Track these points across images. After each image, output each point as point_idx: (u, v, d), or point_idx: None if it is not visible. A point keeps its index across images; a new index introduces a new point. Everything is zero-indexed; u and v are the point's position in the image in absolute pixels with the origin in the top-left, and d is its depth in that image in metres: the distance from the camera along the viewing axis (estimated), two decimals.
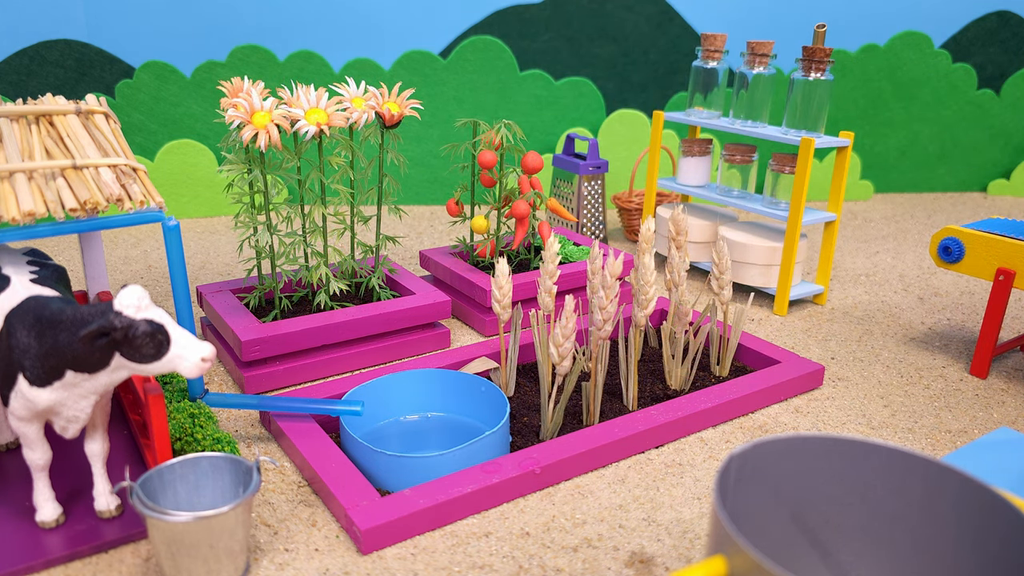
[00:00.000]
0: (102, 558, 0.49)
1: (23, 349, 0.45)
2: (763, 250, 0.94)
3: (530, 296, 0.85)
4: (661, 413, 0.64)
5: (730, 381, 0.70)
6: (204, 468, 0.49)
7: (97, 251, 0.66)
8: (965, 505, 0.35)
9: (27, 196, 0.47)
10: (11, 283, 0.48)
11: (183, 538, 0.43)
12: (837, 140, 0.91)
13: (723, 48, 1.03)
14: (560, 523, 0.54)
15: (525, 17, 1.42)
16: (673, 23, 1.50)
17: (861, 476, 0.38)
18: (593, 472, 0.60)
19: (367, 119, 0.75)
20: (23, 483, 0.54)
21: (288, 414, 0.62)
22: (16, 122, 0.54)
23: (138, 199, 0.50)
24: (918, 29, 1.55)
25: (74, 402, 0.46)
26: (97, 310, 0.43)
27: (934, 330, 0.91)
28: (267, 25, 1.32)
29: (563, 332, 0.58)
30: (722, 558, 0.32)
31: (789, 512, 0.40)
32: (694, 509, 0.56)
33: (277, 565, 0.49)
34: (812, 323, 0.92)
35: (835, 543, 0.40)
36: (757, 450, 0.38)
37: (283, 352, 0.71)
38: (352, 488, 0.53)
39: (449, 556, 0.50)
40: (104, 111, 0.58)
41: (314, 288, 0.80)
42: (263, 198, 0.75)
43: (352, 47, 1.36)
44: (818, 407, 0.72)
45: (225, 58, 1.29)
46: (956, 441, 0.67)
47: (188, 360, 0.44)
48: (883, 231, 1.35)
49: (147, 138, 1.28)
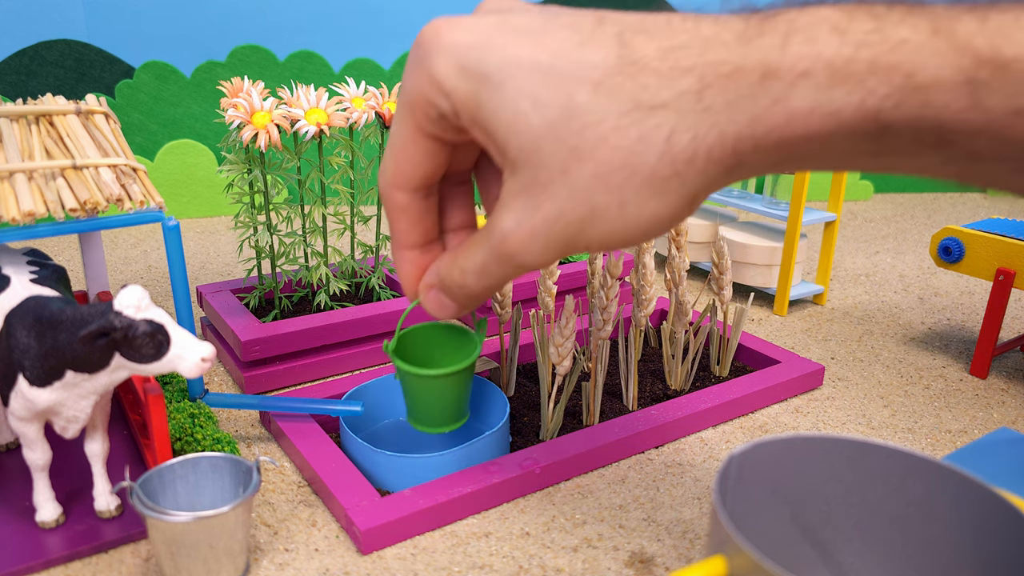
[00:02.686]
0: (102, 558, 0.49)
1: (23, 349, 0.45)
2: (763, 250, 0.94)
3: (530, 296, 0.85)
4: (661, 413, 0.64)
5: (730, 381, 0.70)
6: (204, 468, 0.49)
7: (97, 251, 0.66)
8: (965, 505, 0.35)
9: (27, 196, 0.47)
10: (11, 283, 0.48)
11: (183, 538, 0.43)
12: None
13: None
14: (560, 523, 0.54)
15: None
16: None
17: (861, 476, 0.38)
18: (593, 472, 0.60)
19: (367, 119, 0.75)
20: (23, 483, 0.54)
21: (288, 414, 0.62)
22: (16, 122, 0.54)
23: (138, 199, 0.50)
24: None
25: (74, 402, 0.46)
26: (97, 310, 0.43)
27: (934, 330, 0.91)
28: (267, 25, 1.32)
29: (563, 332, 0.58)
30: (722, 558, 0.32)
31: (789, 512, 0.40)
32: (694, 509, 0.56)
33: (277, 565, 0.49)
34: (812, 323, 0.92)
35: (835, 543, 0.40)
36: (757, 450, 0.38)
37: (283, 352, 0.71)
38: (352, 488, 0.53)
39: (449, 556, 0.50)
40: (104, 111, 0.58)
41: (314, 288, 0.80)
42: (263, 198, 0.75)
43: (352, 47, 1.36)
44: (818, 407, 0.72)
45: (225, 58, 1.29)
46: (956, 441, 0.67)
47: (188, 360, 0.44)
48: (883, 231, 1.35)
49: (147, 138, 1.28)
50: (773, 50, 0.29)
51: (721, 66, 0.30)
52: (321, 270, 0.76)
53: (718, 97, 0.30)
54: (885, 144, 0.29)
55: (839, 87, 0.28)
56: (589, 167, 0.32)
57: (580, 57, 0.31)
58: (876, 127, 0.29)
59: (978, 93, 0.27)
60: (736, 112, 0.30)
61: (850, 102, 0.28)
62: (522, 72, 0.32)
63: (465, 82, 0.33)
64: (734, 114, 0.30)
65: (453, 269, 0.39)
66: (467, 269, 0.38)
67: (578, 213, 0.33)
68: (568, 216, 0.33)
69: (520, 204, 0.34)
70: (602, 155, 0.31)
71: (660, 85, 0.30)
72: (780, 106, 0.29)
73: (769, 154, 0.31)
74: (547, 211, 0.33)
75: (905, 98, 0.28)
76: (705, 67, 0.30)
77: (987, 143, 0.28)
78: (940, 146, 0.29)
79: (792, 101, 0.29)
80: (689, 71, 0.30)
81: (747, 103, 0.30)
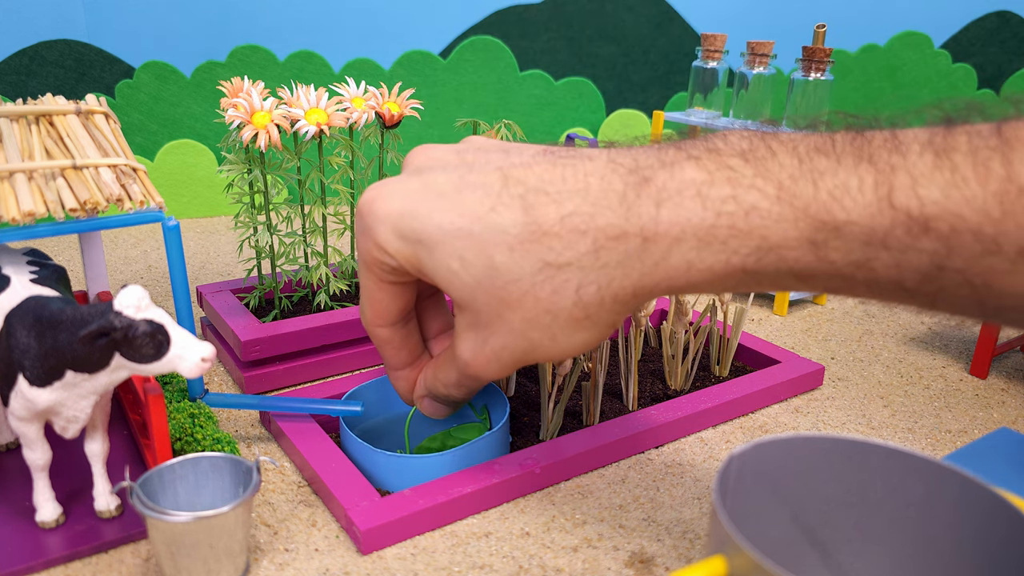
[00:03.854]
0: (102, 558, 0.49)
1: (23, 349, 0.45)
2: None
3: None
4: (661, 413, 0.64)
5: (730, 381, 0.70)
6: (204, 468, 0.48)
7: (97, 251, 0.66)
8: (965, 505, 0.35)
9: (27, 196, 0.47)
10: (11, 283, 0.48)
11: (183, 538, 0.43)
12: None
13: (723, 48, 1.03)
14: (560, 523, 0.54)
15: (525, 17, 1.42)
16: (673, 23, 1.50)
17: (861, 476, 0.38)
18: (593, 472, 0.60)
19: (367, 119, 0.75)
20: (23, 483, 0.54)
21: (288, 414, 0.62)
22: (16, 122, 0.54)
23: (138, 199, 0.50)
24: (918, 29, 1.55)
25: (74, 402, 0.46)
26: (97, 310, 0.43)
27: (934, 330, 0.91)
28: (267, 25, 1.32)
29: None
30: (722, 558, 0.32)
31: (789, 512, 0.40)
32: (694, 509, 0.56)
33: (277, 565, 0.49)
34: (812, 323, 0.92)
35: (835, 543, 0.40)
36: (757, 450, 0.38)
37: (283, 352, 0.71)
38: (352, 488, 0.53)
39: (449, 556, 0.50)
40: (104, 111, 0.58)
41: (314, 288, 0.80)
42: (263, 198, 0.75)
43: (352, 47, 1.35)
44: (818, 407, 0.72)
45: (225, 58, 1.29)
46: (956, 441, 0.67)
47: (188, 360, 0.44)
48: None
49: (147, 138, 1.28)
50: (649, 218, 0.35)
51: (609, 229, 0.36)
52: (321, 270, 0.76)
53: (611, 256, 0.36)
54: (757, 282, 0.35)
55: (707, 249, 0.34)
56: (519, 314, 0.38)
57: (493, 222, 0.37)
58: (744, 275, 0.35)
59: (819, 250, 0.32)
60: (627, 269, 0.36)
61: (718, 260, 0.34)
62: (448, 238, 0.38)
63: (404, 246, 0.40)
64: (626, 270, 0.36)
65: (436, 384, 0.48)
66: (447, 383, 0.47)
67: (520, 346, 0.39)
68: (512, 347, 0.40)
69: (471, 336, 0.41)
70: (527, 304, 0.37)
71: (563, 247, 0.36)
72: (662, 266, 0.35)
73: (665, 292, 0.37)
74: (493, 344, 0.40)
75: (763, 255, 0.34)
76: (596, 231, 0.36)
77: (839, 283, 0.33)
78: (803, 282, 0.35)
79: (671, 260, 0.35)
80: (584, 234, 0.36)
81: (635, 262, 0.36)
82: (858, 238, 0.31)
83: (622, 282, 0.36)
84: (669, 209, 0.35)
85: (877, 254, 0.31)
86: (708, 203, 0.34)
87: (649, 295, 0.37)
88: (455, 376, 0.45)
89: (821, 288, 0.35)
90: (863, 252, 0.31)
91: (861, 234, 0.31)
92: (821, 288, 0.35)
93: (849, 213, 0.31)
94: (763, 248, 0.33)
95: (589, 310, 0.37)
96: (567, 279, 0.36)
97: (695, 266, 0.35)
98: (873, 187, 0.31)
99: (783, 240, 0.33)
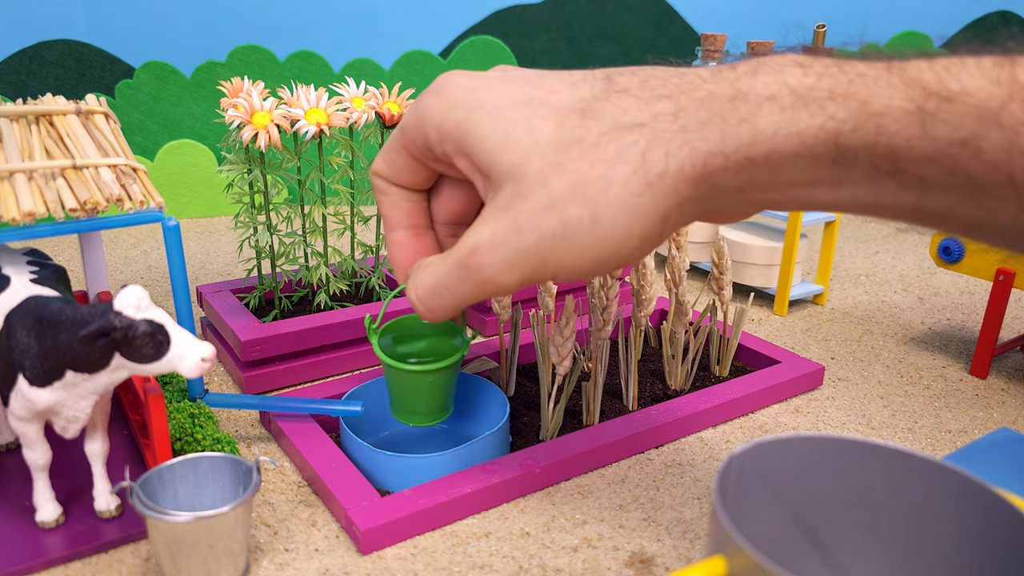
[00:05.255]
0: (102, 558, 0.49)
1: (23, 349, 0.45)
2: (763, 250, 0.94)
3: (530, 296, 0.85)
4: (661, 413, 0.64)
5: (730, 381, 0.70)
6: (204, 468, 0.49)
7: (97, 251, 0.66)
8: (965, 505, 0.35)
9: (27, 196, 0.47)
10: (11, 283, 0.48)
11: (183, 538, 0.43)
12: None
13: (723, 48, 1.03)
14: (560, 523, 0.54)
15: (525, 17, 1.42)
16: (673, 23, 1.51)
17: (861, 476, 0.38)
18: (593, 472, 0.60)
19: (367, 119, 0.75)
20: (23, 483, 0.54)
21: (288, 414, 0.62)
22: (16, 122, 0.54)
23: (138, 199, 0.50)
24: (918, 29, 1.55)
25: (74, 402, 0.46)
26: (97, 310, 0.43)
27: (934, 330, 0.91)
28: (267, 25, 1.32)
29: (563, 332, 0.58)
30: (722, 558, 0.32)
31: (789, 512, 0.40)
32: (694, 509, 0.56)
33: (277, 565, 0.49)
34: (812, 323, 0.92)
35: (835, 543, 0.40)
36: (757, 450, 0.38)
37: (283, 352, 0.71)
38: (352, 488, 0.53)
39: (449, 556, 0.50)
40: (104, 111, 0.58)
41: (314, 288, 0.80)
42: (263, 198, 0.75)
43: (352, 47, 1.35)
44: (818, 407, 0.72)
45: (225, 58, 1.29)
46: (956, 441, 0.67)
47: (188, 360, 0.44)
48: (883, 231, 1.35)
49: (147, 138, 1.28)
50: (743, 78, 0.33)
51: (695, 92, 0.33)
52: (321, 270, 0.76)
53: (692, 118, 0.33)
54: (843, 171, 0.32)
55: (801, 110, 0.32)
56: (568, 178, 0.34)
57: (571, 94, 0.35)
58: (835, 149, 0.32)
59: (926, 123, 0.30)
60: (707, 130, 0.33)
61: (811, 124, 0.31)
62: (518, 104, 0.36)
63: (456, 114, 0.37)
64: (705, 132, 0.33)
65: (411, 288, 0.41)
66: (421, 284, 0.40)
67: (552, 226, 0.35)
68: (542, 228, 0.35)
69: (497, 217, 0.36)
70: (581, 167, 0.34)
71: (639, 108, 0.34)
72: (747, 125, 0.32)
73: (736, 175, 0.33)
74: (522, 222, 0.35)
75: (861, 123, 0.31)
76: (680, 94, 0.34)
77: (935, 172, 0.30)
78: (894, 173, 0.31)
79: (759, 121, 0.32)
80: (666, 97, 0.34)
81: (717, 122, 0.33)
82: (971, 112, 0.29)
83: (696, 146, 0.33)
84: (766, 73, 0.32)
85: (988, 132, 0.29)
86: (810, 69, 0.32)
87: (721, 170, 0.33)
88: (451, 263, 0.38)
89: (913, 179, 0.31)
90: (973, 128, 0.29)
91: (975, 106, 0.29)
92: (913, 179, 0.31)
93: (964, 84, 0.29)
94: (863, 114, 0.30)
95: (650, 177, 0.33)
96: (635, 140, 0.33)
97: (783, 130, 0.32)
98: (992, 65, 0.29)
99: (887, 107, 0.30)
